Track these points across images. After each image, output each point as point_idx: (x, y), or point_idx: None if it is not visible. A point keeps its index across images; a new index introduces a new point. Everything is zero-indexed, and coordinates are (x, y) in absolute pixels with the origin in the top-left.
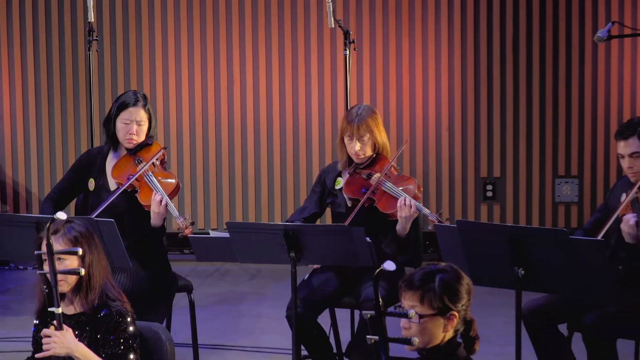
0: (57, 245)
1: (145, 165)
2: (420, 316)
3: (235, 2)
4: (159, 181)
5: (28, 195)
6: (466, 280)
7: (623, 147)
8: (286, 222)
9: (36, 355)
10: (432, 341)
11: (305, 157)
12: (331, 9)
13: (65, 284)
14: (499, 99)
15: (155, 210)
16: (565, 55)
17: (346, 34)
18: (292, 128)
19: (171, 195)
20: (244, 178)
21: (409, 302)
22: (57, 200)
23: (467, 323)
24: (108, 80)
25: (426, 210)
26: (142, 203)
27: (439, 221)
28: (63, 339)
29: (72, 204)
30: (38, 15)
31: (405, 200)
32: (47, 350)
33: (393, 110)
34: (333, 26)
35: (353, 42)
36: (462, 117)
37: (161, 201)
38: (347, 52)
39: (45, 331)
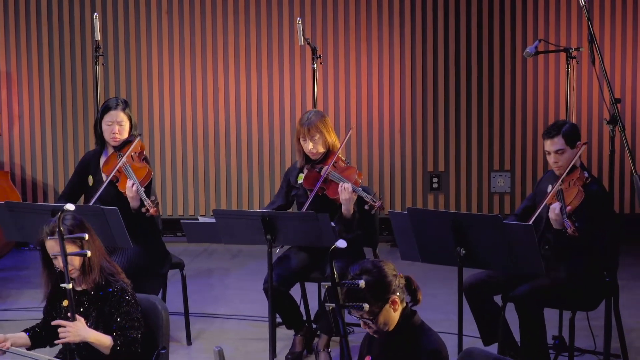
0: (57, 244)
1: (122, 158)
2: (373, 318)
3: (219, 23)
4: (133, 170)
5: (44, 187)
6: (387, 267)
7: (549, 145)
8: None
9: (56, 342)
10: (392, 323)
11: (279, 153)
12: (301, 29)
13: (74, 270)
14: (443, 105)
15: (128, 194)
16: (500, 68)
17: (314, 51)
18: (268, 129)
19: (143, 182)
20: (228, 172)
21: (357, 313)
22: (68, 196)
23: (407, 282)
24: (112, 89)
25: (362, 193)
26: (120, 190)
27: (374, 201)
28: (76, 329)
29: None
30: (53, 34)
31: (343, 185)
32: (63, 338)
33: (353, 115)
34: (303, 44)
35: (320, 57)
36: (412, 120)
37: (133, 186)
38: (315, 66)
39: (59, 322)
